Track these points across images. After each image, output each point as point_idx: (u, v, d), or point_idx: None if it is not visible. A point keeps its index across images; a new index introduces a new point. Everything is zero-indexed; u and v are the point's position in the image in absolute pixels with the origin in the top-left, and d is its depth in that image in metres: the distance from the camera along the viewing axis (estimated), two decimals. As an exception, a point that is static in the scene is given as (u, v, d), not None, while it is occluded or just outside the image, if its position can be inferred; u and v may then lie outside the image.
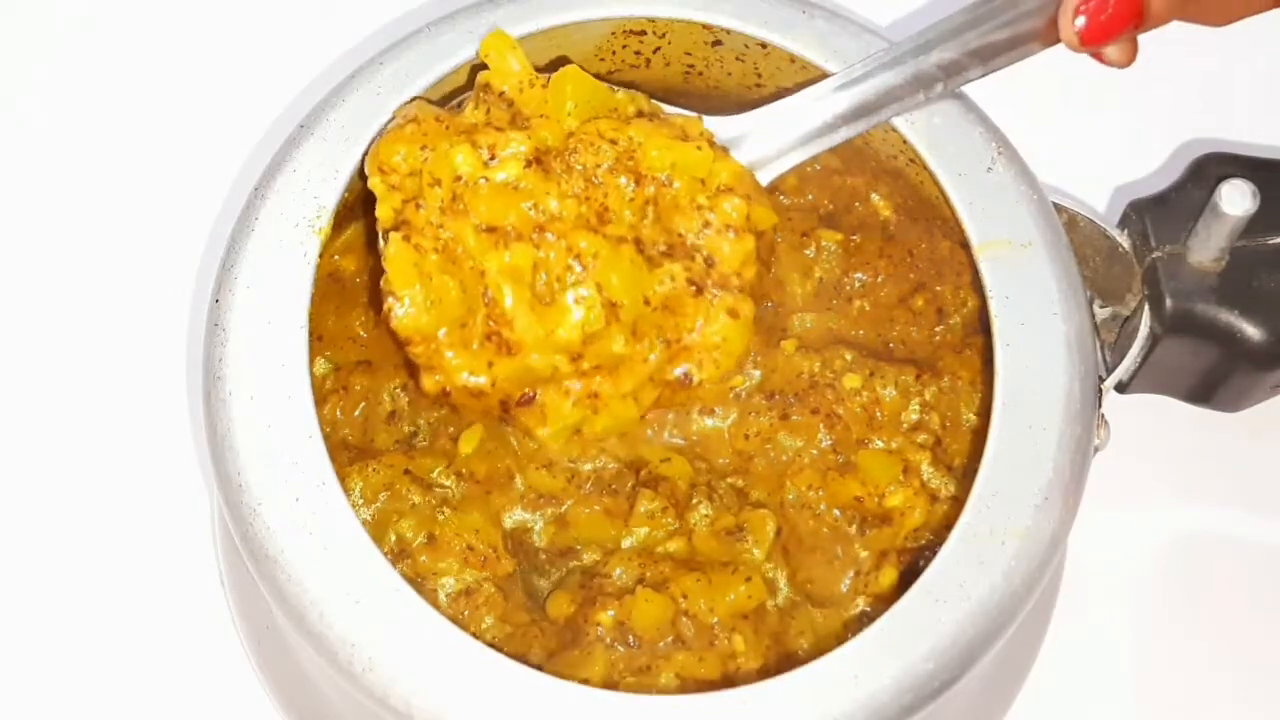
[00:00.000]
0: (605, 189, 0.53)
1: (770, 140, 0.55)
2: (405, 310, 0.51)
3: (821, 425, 0.56)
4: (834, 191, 0.61)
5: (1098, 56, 0.52)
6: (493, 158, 0.52)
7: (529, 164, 0.52)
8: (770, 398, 0.56)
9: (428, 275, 0.52)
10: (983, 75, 0.54)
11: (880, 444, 0.56)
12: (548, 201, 0.52)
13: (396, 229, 0.52)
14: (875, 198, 0.60)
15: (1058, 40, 0.52)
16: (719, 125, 0.55)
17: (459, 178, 0.52)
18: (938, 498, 0.55)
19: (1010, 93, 0.57)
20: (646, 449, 0.56)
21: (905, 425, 0.56)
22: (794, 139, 0.55)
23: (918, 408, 0.56)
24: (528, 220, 0.52)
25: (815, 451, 0.56)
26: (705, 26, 0.57)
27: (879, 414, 0.56)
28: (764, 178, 0.56)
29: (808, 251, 0.59)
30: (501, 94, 0.54)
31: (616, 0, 0.56)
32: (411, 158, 0.53)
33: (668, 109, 0.55)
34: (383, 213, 0.53)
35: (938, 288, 0.59)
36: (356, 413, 0.56)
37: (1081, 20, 0.50)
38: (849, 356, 0.56)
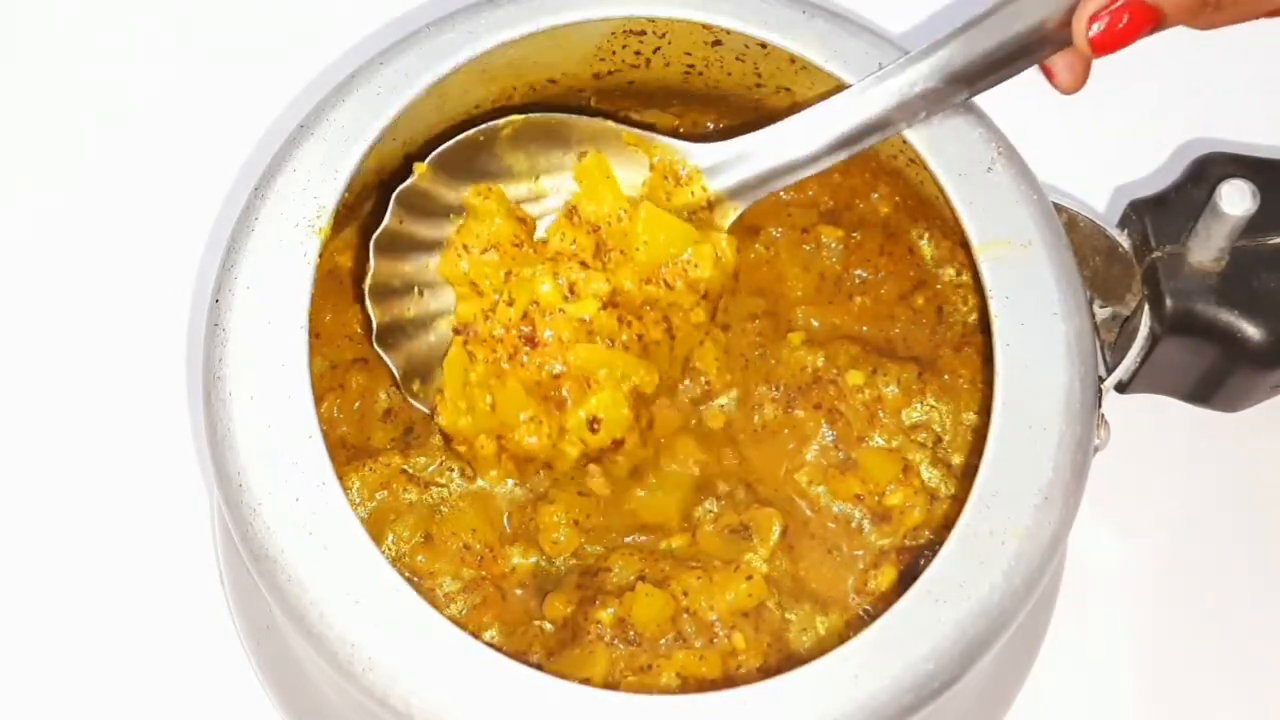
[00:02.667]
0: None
1: (750, 167, 0.55)
2: (448, 411, 0.54)
3: (824, 420, 0.56)
4: (834, 188, 0.61)
5: (1048, 74, 0.52)
6: (572, 292, 0.54)
7: (605, 306, 0.54)
8: (775, 388, 0.56)
9: (471, 384, 0.54)
10: (969, 97, 0.54)
11: (881, 441, 0.56)
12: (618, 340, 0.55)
13: (461, 332, 0.54)
14: (875, 196, 0.61)
15: (1052, 52, 0.52)
16: (701, 152, 0.56)
17: (536, 302, 0.54)
18: (937, 497, 0.55)
19: (1010, 93, 0.57)
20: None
21: (906, 423, 0.56)
22: (774, 168, 0.55)
23: (919, 406, 0.56)
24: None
25: (817, 447, 0.56)
26: (705, 26, 0.57)
27: (880, 412, 0.56)
28: (743, 204, 0.56)
29: (807, 247, 0.59)
30: (589, 221, 0.55)
31: (616, 0, 0.56)
32: (494, 278, 0.55)
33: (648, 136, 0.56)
34: (464, 313, 0.55)
35: (938, 286, 0.59)
36: (355, 407, 0.57)
37: (1098, 26, 0.50)
38: (853, 352, 0.57)
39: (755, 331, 0.58)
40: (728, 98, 0.60)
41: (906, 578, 0.53)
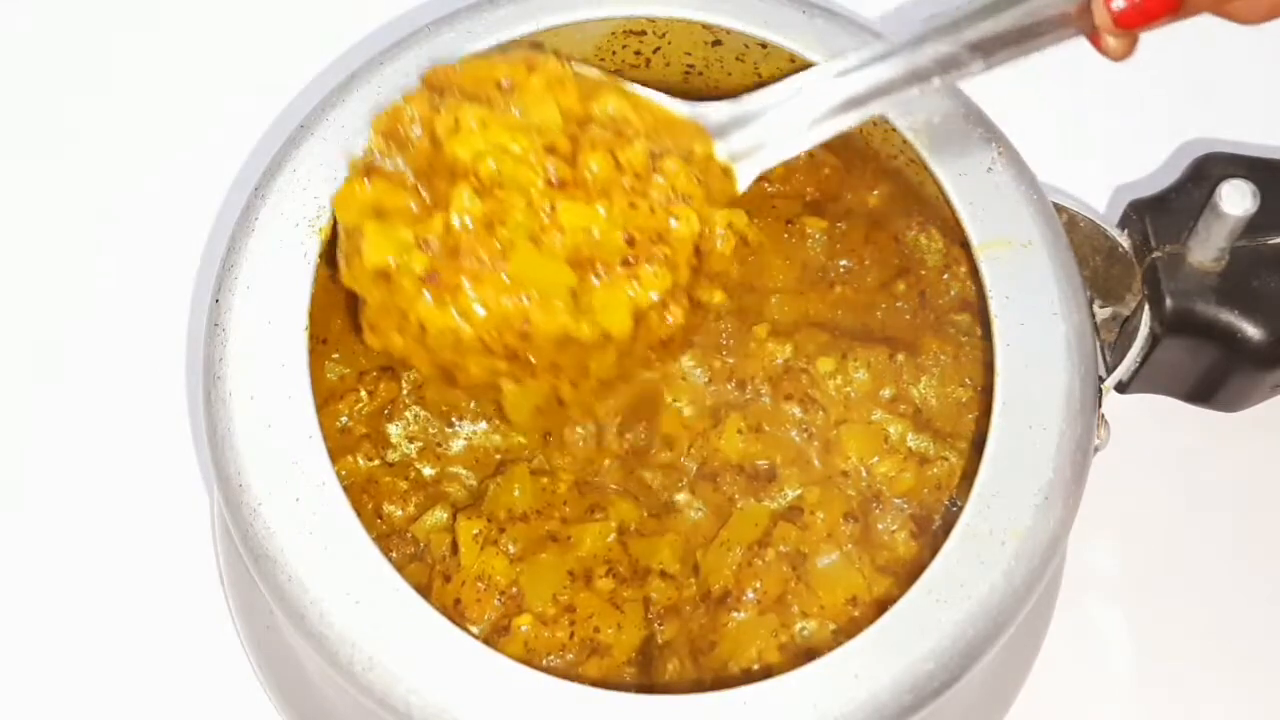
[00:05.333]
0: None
1: (758, 132, 0.53)
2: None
3: (799, 409, 0.56)
4: (821, 180, 0.61)
5: (1096, 43, 0.51)
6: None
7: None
8: (742, 387, 0.56)
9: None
10: (985, 70, 0.51)
11: (858, 420, 0.56)
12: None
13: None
14: (876, 194, 0.61)
15: (1070, 34, 0.51)
16: (709, 111, 0.54)
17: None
18: (927, 459, 0.55)
19: (1011, 93, 0.57)
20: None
21: (883, 399, 0.56)
22: (784, 131, 0.53)
23: (895, 384, 0.56)
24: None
25: (796, 436, 0.56)
26: (705, 26, 0.57)
27: (851, 392, 0.56)
28: (751, 169, 0.53)
29: (791, 239, 0.59)
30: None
31: (616, 0, 0.56)
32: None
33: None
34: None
35: (922, 272, 0.59)
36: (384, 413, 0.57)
37: (1120, 2, 0.49)
38: (820, 340, 0.57)
39: (718, 332, 0.57)
40: (728, 98, 0.60)
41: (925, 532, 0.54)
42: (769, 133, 0.53)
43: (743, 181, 0.53)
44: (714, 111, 0.53)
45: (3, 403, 0.69)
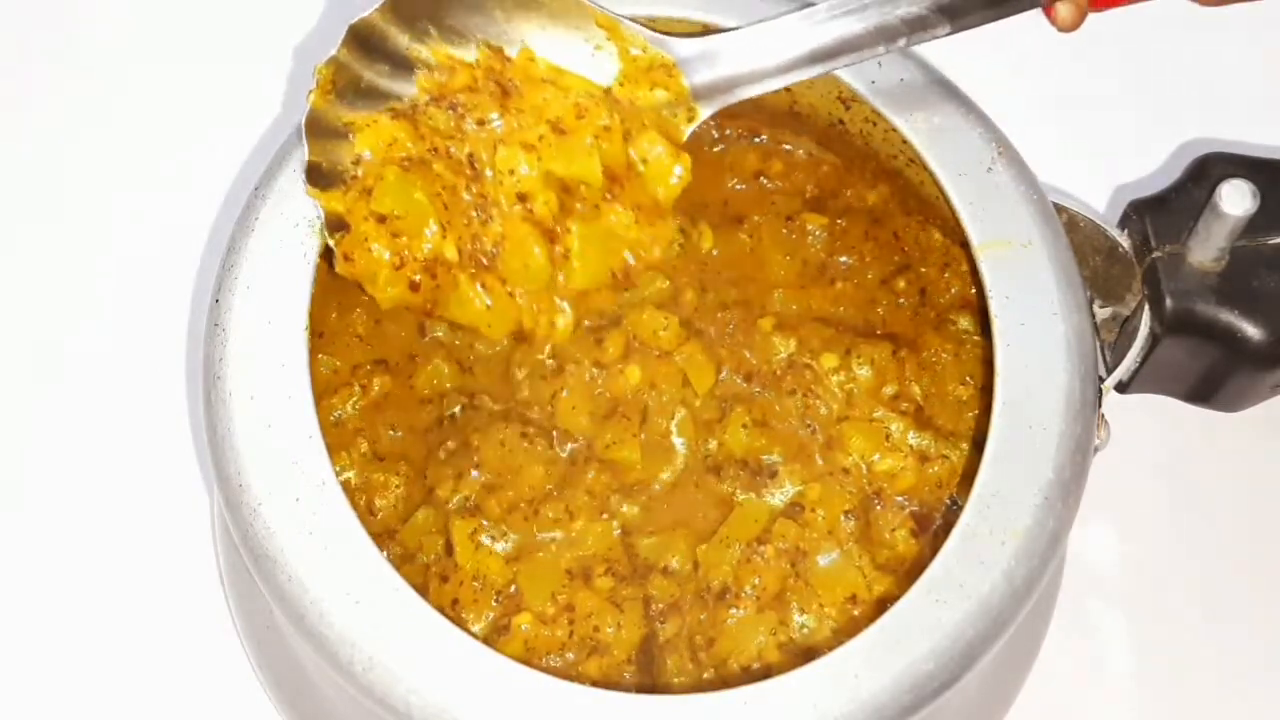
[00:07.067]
0: None
1: (724, 67, 0.54)
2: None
3: (802, 403, 0.56)
4: (821, 178, 0.61)
5: (1048, 12, 0.51)
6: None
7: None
8: (749, 380, 0.56)
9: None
10: (951, 33, 0.52)
11: (860, 415, 0.56)
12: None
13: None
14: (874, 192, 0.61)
15: (1036, 2, 0.51)
16: (677, 45, 0.54)
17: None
18: (928, 457, 0.55)
19: (1010, 93, 0.57)
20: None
21: (886, 396, 0.56)
22: (747, 72, 0.54)
23: (895, 381, 0.56)
24: None
25: (800, 430, 0.56)
26: (705, 26, 0.57)
27: (855, 389, 0.56)
28: (709, 108, 0.55)
29: (791, 235, 0.59)
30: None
31: (617, 0, 0.56)
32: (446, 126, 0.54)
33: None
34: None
35: (922, 269, 0.59)
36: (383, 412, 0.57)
37: None
38: (825, 335, 0.57)
39: (725, 322, 0.58)
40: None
41: (924, 530, 0.54)
42: (732, 73, 0.54)
43: (702, 115, 0.55)
44: (681, 46, 0.54)
45: (3, 403, 0.69)
